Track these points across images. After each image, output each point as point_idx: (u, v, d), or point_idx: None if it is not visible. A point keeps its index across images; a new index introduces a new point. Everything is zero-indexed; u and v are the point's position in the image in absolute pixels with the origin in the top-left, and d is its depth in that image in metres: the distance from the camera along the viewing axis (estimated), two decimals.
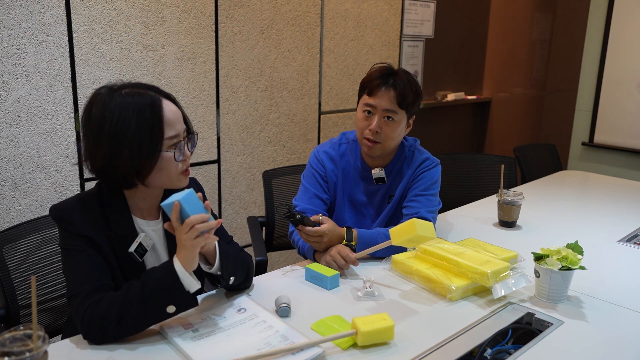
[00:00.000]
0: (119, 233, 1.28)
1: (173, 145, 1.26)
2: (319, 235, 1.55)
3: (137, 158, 1.21)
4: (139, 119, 1.20)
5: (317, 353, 1.13)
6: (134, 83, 1.27)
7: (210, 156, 2.69)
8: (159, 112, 1.23)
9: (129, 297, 1.17)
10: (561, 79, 4.51)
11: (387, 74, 1.70)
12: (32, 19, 2.03)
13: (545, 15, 4.59)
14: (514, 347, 1.25)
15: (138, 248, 1.29)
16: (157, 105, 1.23)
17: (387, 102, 1.68)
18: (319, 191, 1.79)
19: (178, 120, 1.27)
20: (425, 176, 1.79)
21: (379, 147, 1.73)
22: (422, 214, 1.72)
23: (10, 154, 2.05)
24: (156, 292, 1.17)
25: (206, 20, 2.54)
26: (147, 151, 1.22)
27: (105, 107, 1.21)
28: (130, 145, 1.20)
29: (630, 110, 3.58)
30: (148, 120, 1.21)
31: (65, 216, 1.25)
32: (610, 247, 1.86)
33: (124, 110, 1.20)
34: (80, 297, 1.18)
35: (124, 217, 1.30)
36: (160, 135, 1.23)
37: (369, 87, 1.71)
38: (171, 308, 1.18)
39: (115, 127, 1.20)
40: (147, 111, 1.22)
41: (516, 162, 2.91)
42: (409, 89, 1.69)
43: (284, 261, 3.04)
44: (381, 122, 1.70)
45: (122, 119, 1.20)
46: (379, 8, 3.35)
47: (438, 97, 4.29)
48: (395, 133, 1.72)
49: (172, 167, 1.27)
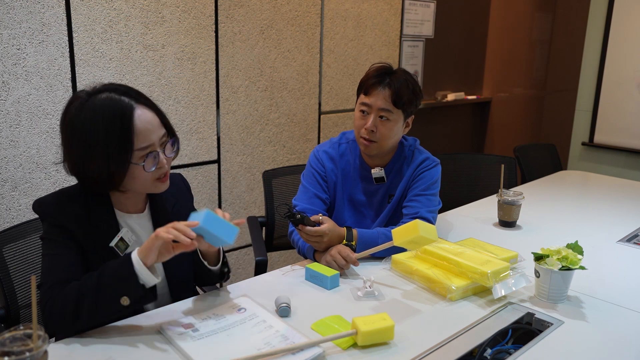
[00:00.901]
0: (100, 227, 1.28)
1: (144, 156, 1.24)
2: (319, 235, 1.55)
3: (105, 167, 1.21)
4: (107, 129, 1.19)
5: (317, 353, 1.13)
6: (113, 86, 1.25)
7: (210, 156, 2.69)
8: (128, 123, 1.20)
9: (86, 285, 1.17)
10: (561, 79, 4.51)
11: (384, 73, 1.70)
12: (32, 19, 2.03)
13: (545, 15, 4.60)
14: (514, 347, 1.25)
15: (119, 243, 1.29)
16: (127, 115, 1.21)
17: (382, 101, 1.68)
18: (318, 191, 1.79)
19: (152, 129, 1.25)
20: (425, 176, 1.78)
21: (375, 146, 1.73)
22: (422, 213, 1.72)
23: (10, 154, 2.05)
24: (111, 281, 1.17)
25: (206, 20, 2.54)
26: (115, 161, 1.21)
27: (76, 115, 1.21)
28: (99, 155, 1.20)
29: (630, 110, 3.57)
30: (116, 132, 1.20)
31: (46, 208, 1.26)
32: (610, 247, 1.86)
33: (93, 119, 1.19)
34: (45, 287, 1.20)
35: (106, 212, 1.30)
36: (129, 147, 1.21)
37: (365, 86, 1.72)
38: (125, 300, 1.16)
39: (84, 136, 1.20)
40: (117, 122, 1.20)
41: (516, 162, 2.91)
42: (405, 88, 1.69)
43: (284, 261, 3.04)
44: (377, 121, 1.70)
45: (90, 128, 1.19)
46: (379, 8, 3.35)
47: (438, 97, 4.29)
48: (392, 132, 1.72)
49: (145, 176, 1.26)
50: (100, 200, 1.30)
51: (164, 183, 1.31)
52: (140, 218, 1.37)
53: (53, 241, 1.25)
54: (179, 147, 1.34)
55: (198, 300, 1.38)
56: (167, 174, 1.31)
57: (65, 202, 1.27)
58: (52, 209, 1.26)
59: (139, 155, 1.23)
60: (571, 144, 3.91)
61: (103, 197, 1.31)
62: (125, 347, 1.16)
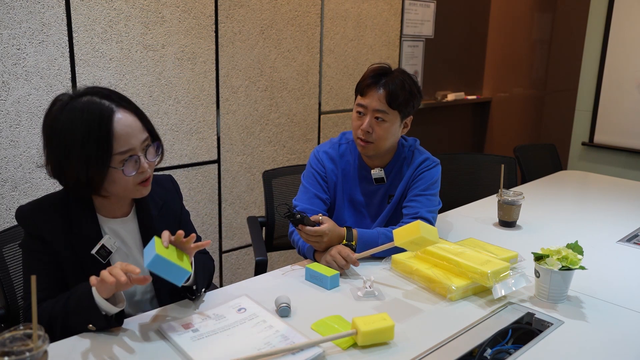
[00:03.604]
0: (82, 234, 1.28)
1: (124, 160, 1.22)
2: (319, 235, 1.55)
3: (84, 170, 1.20)
4: (85, 134, 1.18)
5: (317, 353, 1.13)
6: (95, 90, 1.25)
7: (210, 156, 2.69)
8: (107, 127, 1.19)
9: (56, 310, 1.21)
10: (561, 79, 4.51)
11: (380, 74, 1.70)
12: (32, 19, 2.03)
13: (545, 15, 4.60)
14: (514, 347, 1.25)
15: (100, 250, 1.28)
16: (105, 119, 1.19)
17: (377, 103, 1.68)
18: (318, 191, 1.79)
19: (133, 133, 1.23)
20: (425, 176, 1.78)
21: (372, 147, 1.73)
22: (422, 214, 1.72)
23: (10, 154, 2.05)
24: (76, 309, 1.19)
25: (206, 20, 2.54)
26: (94, 165, 1.20)
27: (56, 118, 1.21)
28: (77, 158, 1.19)
29: (630, 110, 3.57)
30: (94, 136, 1.19)
31: (26, 217, 1.26)
32: (610, 247, 1.86)
33: (71, 123, 1.19)
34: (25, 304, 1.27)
35: (88, 218, 1.30)
36: (109, 151, 1.20)
37: (361, 87, 1.72)
38: (91, 327, 1.19)
39: (62, 140, 1.19)
40: (95, 125, 1.19)
41: (516, 162, 2.91)
42: (401, 89, 1.67)
43: (284, 261, 3.04)
44: (372, 122, 1.70)
45: (68, 132, 1.19)
46: (379, 8, 3.35)
47: (438, 97, 4.29)
48: (388, 133, 1.71)
49: (126, 180, 1.25)
50: (82, 206, 1.29)
51: (145, 187, 1.30)
52: (125, 222, 1.36)
53: (30, 254, 1.27)
54: (163, 151, 1.33)
55: (198, 300, 1.38)
56: (149, 179, 1.30)
57: (45, 211, 1.27)
58: (31, 218, 1.26)
59: (118, 159, 1.22)
60: (571, 144, 3.91)
61: (86, 202, 1.30)
62: (125, 347, 1.16)
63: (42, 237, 1.25)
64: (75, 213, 1.28)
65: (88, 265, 1.28)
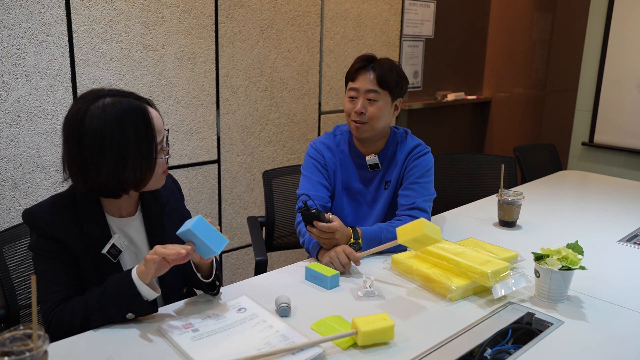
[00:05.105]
0: (92, 234, 1.29)
1: (161, 150, 1.29)
2: (332, 232, 1.56)
3: (139, 170, 1.24)
4: (136, 131, 1.21)
5: (317, 353, 1.13)
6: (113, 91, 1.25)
7: (210, 156, 2.69)
8: (150, 121, 1.24)
9: (90, 304, 1.21)
10: (561, 79, 4.51)
11: (367, 59, 1.79)
12: (32, 19, 2.03)
13: (545, 15, 4.59)
14: (514, 347, 1.25)
15: (111, 249, 1.30)
16: (146, 116, 1.24)
17: (368, 83, 1.75)
18: (321, 179, 1.85)
19: (160, 123, 1.29)
20: (419, 163, 1.83)
21: (366, 127, 1.77)
22: (418, 203, 1.77)
23: (10, 154, 2.05)
24: (116, 298, 1.21)
25: (206, 20, 2.54)
26: (147, 161, 1.24)
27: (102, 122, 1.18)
28: (133, 159, 1.22)
29: (630, 110, 3.57)
30: (142, 131, 1.23)
31: (37, 219, 1.26)
32: (610, 247, 1.86)
33: (120, 124, 1.20)
34: (48, 304, 1.23)
35: (97, 218, 1.30)
36: (155, 144, 1.25)
37: (350, 73, 1.80)
38: (130, 315, 1.22)
39: (117, 143, 1.20)
40: (140, 122, 1.23)
41: (516, 162, 2.91)
42: (389, 72, 1.76)
43: (284, 261, 3.04)
44: (365, 103, 1.76)
45: (121, 133, 1.20)
46: (379, 8, 3.35)
47: (438, 97, 4.29)
48: (381, 112, 1.76)
49: (160, 170, 1.30)
50: (91, 207, 1.30)
51: (166, 175, 1.36)
52: (132, 221, 1.37)
53: (45, 255, 1.26)
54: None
55: (198, 300, 1.38)
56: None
57: (56, 212, 1.27)
58: (44, 221, 1.25)
59: (158, 149, 1.28)
60: (571, 144, 3.91)
61: (94, 203, 1.30)
62: (125, 347, 1.16)
63: (56, 238, 1.25)
64: (85, 213, 1.29)
65: (99, 265, 1.29)
